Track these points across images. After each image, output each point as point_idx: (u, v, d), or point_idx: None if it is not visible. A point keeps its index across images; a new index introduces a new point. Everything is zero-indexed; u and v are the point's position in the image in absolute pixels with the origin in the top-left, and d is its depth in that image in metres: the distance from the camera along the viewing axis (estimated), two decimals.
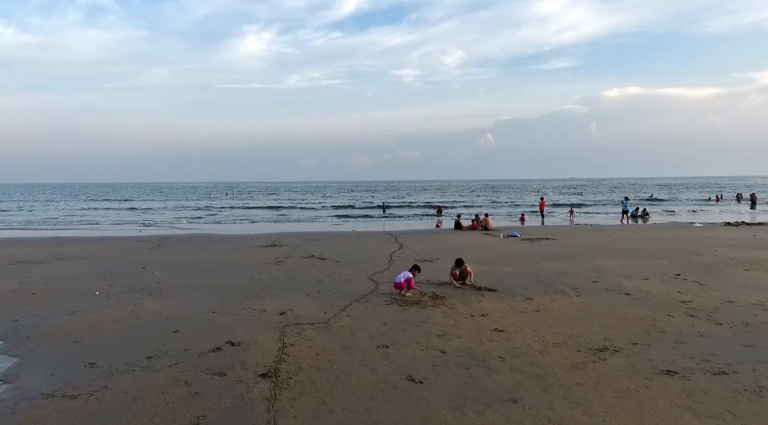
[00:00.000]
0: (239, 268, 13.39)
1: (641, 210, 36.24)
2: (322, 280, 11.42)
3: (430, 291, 9.99)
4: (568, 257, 14.47)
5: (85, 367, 5.87)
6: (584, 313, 8.12)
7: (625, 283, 10.43)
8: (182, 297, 9.78)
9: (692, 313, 7.88)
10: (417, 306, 8.78)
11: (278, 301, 9.31)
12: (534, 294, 9.57)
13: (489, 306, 8.73)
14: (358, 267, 13.21)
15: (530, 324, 7.52)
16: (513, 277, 11.44)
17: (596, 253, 15.24)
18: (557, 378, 5.35)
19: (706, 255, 14.30)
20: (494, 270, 12.52)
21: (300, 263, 14.18)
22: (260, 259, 15.01)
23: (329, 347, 6.54)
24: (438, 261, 14.06)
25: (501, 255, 15.13)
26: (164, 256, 16.06)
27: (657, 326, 7.26)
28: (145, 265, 13.95)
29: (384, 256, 15.27)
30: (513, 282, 10.80)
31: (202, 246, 19.02)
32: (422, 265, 13.32)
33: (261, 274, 12.38)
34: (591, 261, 13.59)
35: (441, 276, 11.49)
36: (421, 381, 5.38)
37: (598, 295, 9.41)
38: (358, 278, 11.63)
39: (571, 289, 9.99)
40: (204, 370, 5.74)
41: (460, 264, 10.55)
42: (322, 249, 17.20)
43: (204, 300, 9.53)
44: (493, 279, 11.18)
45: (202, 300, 9.54)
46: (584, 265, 12.96)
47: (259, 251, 17.01)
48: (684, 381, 5.17)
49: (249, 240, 20.75)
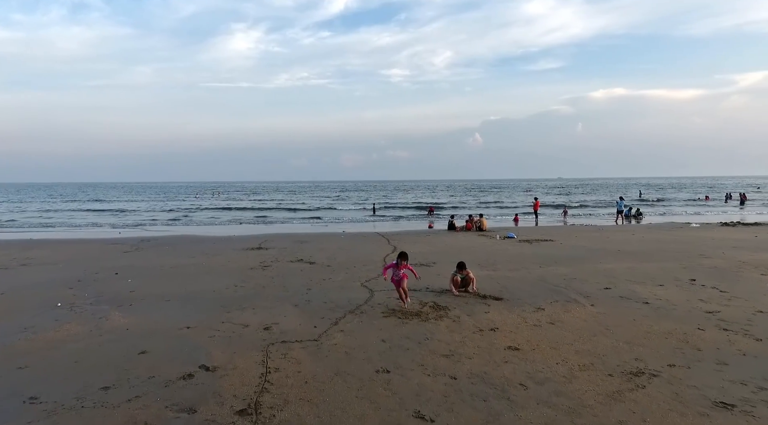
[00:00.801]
0: (221, 274, 12.36)
1: (635, 210, 35.85)
2: (312, 288, 10.47)
3: (431, 300, 9.10)
4: (572, 260, 13.71)
5: (23, 403, 4.85)
6: (604, 326, 7.29)
7: (640, 290, 9.66)
8: (155, 309, 8.75)
9: (724, 327, 7.10)
10: (418, 318, 7.88)
11: (263, 313, 8.34)
12: (545, 304, 8.73)
13: (497, 318, 7.87)
14: (351, 273, 12.27)
15: (547, 340, 6.67)
16: (518, 283, 10.61)
17: (600, 256, 14.50)
18: (594, 414, 4.49)
19: (714, 258, 13.63)
20: (497, 275, 11.68)
21: (287, 268, 13.20)
22: (245, 264, 13.99)
23: (320, 372, 5.60)
24: (435, 266, 13.18)
25: (501, 259, 14.31)
26: (141, 261, 14.95)
27: (690, 342, 6.46)
28: (118, 271, 12.85)
29: (377, 260, 14.35)
30: (519, 290, 9.97)
31: (184, 249, 17.92)
32: (418, 270, 12.47)
33: (245, 281, 11.38)
34: (597, 265, 12.83)
35: (440, 283, 10.62)
36: (432, 419, 4.47)
37: (614, 304, 8.61)
38: (351, 285, 10.70)
39: (583, 297, 9.18)
40: (170, 405, 4.77)
41: (461, 269, 9.69)
42: (312, 253, 16.23)
43: (179, 312, 8.52)
44: (497, 286, 10.33)
45: (177, 312, 8.52)
46: (591, 269, 12.19)
47: (244, 254, 15.98)
48: (748, 418, 4.34)
49: (234, 243, 19.68)
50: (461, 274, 9.78)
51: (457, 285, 9.80)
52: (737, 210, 42.10)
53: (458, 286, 9.81)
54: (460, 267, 9.69)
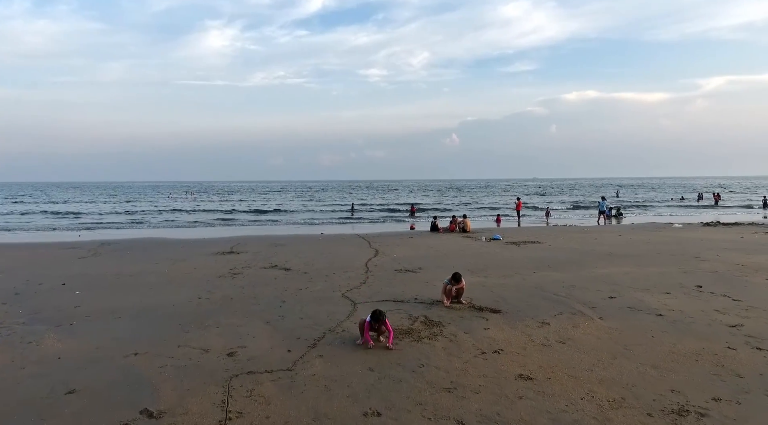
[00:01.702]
0: (185, 283, 11.07)
1: (615, 210, 35.72)
2: (287, 300, 9.31)
3: (421, 313, 8.08)
4: (566, 265, 12.91)
5: None
6: (622, 345, 6.40)
7: (648, 299, 8.85)
8: (99, 329, 7.45)
9: (756, 344, 6.29)
10: (409, 337, 6.84)
11: (228, 333, 7.16)
12: (548, 317, 7.82)
13: (499, 335, 6.90)
14: (330, 281, 11.15)
15: (562, 365, 5.72)
16: (514, 292, 9.69)
17: (593, 259, 13.76)
18: None
19: (711, 261, 13.05)
20: (489, 282, 10.75)
21: (260, 276, 11.98)
22: (212, 271, 12.70)
23: (295, 417, 4.50)
24: (422, 272, 12.18)
25: (491, 263, 13.41)
26: (96, 268, 13.47)
27: (726, 366, 5.61)
28: (66, 281, 11.40)
29: (359, 266, 13.26)
30: (517, 300, 9.04)
31: (147, 253, 16.44)
32: (404, 277, 11.46)
33: (211, 292, 10.13)
34: (593, 270, 12.05)
35: (430, 292, 9.61)
36: None
37: (625, 317, 7.75)
38: (331, 296, 9.59)
39: (588, 309, 8.30)
40: None
41: (458, 280, 8.68)
42: (287, 257, 15.02)
43: (128, 333, 7.26)
44: (491, 296, 9.39)
45: (126, 333, 7.26)
46: (589, 275, 11.39)
47: (213, 260, 14.65)
48: None
49: (203, 246, 18.27)
50: (456, 286, 8.77)
51: (450, 296, 8.81)
52: (711, 210, 42.63)
53: (451, 298, 8.82)
54: (456, 279, 8.67)
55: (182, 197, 76.16)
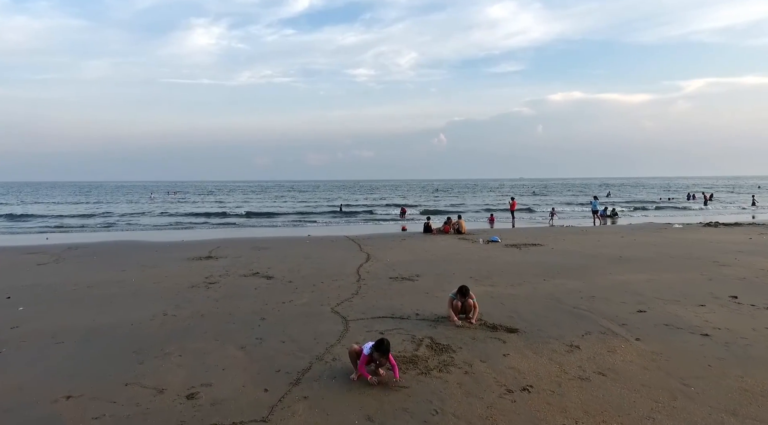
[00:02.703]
0: (151, 296, 9.67)
1: (611, 210, 34.96)
2: (267, 316, 7.99)
3: (426, 335, 6.83)
4: (577, 270, 11.78)
5: None
6: (677, 378, 5.22)
7: (683, 314, 7.73)
8: (32, 360, 6.06)
9: None
10: (414, 367, 5.59)
11: (192, 364, 5.83)
12: (575, 337, 6.63)
13: (523, 364, 5.69)
14: (318, 292, 9.86)
15: (612, 408, 4.52)
16: (528, 305, 8.50)
17: (604, 264, 12.67)
18: None
19: (732, 265, 12.05)
20: (497, 292, 9.55)
21: (239, 285, 10.63)
22: (185, 280, 11.30)
23: None
24: (420, 280, 10.94)
25: (495, 269, 12.23)
26: (54, 277, 11.97)
27: None
28: (12, 294, 9.92)
29: (349, 272, 11.98)
30: (533, 314, 7.85)
31: (116, 259, 14.94)
32: (401, 287, 10.21)
33: (179, 306, 8.76)
34: (609, 277, 10.94)
35: (432, 306, 8.37)
36: None
37: (665, 338, 6.60)
38: (319, 311, 8.29)
39: (618, 326, 7.14)
40: None
41: (465, 295, 7.45)
42: (271, 262, 13.67)
43: (67, 364, 5.88)
44: (503, 309, 8.19)
45: (64, 364, 5.88)
46: (606, 283, 10.26)
47: (188, 266, 13.23)
48: None
49: (180, 250, 16.80)
50: (463, 300, 7.55)
51: (458, 311, 7.58)
52: (703, 210, 42.27)
53: (458, 313, 7.60)
54: (463, 293, 7.44)
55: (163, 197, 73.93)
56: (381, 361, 5.27)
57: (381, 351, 5.20)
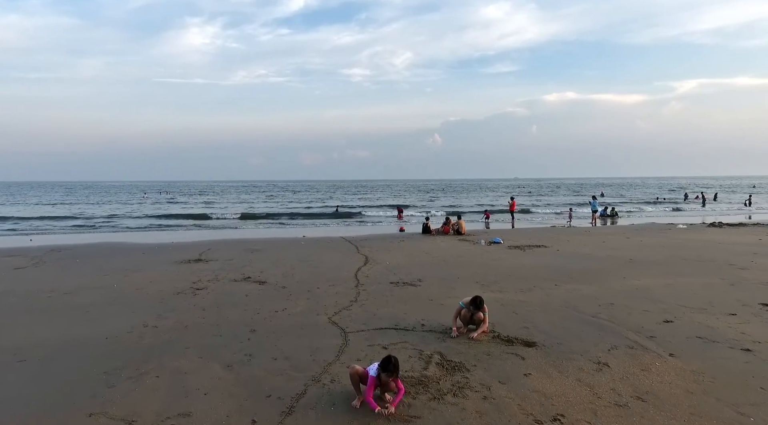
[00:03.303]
0: (132, 304, 8.90)
1: (610, 209, 34.43)
2: (258, 328, 7.25)
3: (434, 349, 6.13)
4: (589, 274, 11.13)
5: None
6: (730, 405, 4.55)
7: (715, 324, 7.06)
8: None
9: None
10: (425, 391, 4.88)
11: (170, 387, 5.09)
12: (600, 352, 5.95)
13: (549, 386, 4.99)
14: (313, 299, 9.12)
15: None
16: (542, 314, 7.81)
17: (615, 267, 12.02)
18: None
19: (751, 269, 11.44)
20: (507, 299, 8.85)
21: (228, 292, 9.88)
22: (171, 285, 10.53)
23: None
24: (423, 285, 10.24)
25: (501, 273, 11.55)
26: (30, 282, 11.16)
27: None
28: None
29: (347, 277, 11.26)
30: (550, 325, 7.16)
31: (100, 262, 14.13)
32: (403, 293, 9.49)
33: (162, 316, 8.01)
34: (624, 281, 10.28)
35: (439, 314, 7.66)
36: None
37: (702, 353, 5.92)
38: (315, 321, 7.56)
39: (647, 339, 6.47)
40: None
41: (478, 307, 6.72)
42: (264, 266, 12.92)
43: (25, 389, 5.11)
44: (516, 319, 7.49)
45: (22, 389, 5.11)
46: (622, 289, 9.60)
47: (175, 270, 12.45)
48: None
49: (168, 253, 16.01)
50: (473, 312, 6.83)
51: (466, 322, 6.87)
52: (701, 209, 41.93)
53: (466, 324, 6.89)
54: (477, 305, 6.71)
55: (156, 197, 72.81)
56: (388, 384, 4.56)
57: (388, 371, 4.49)
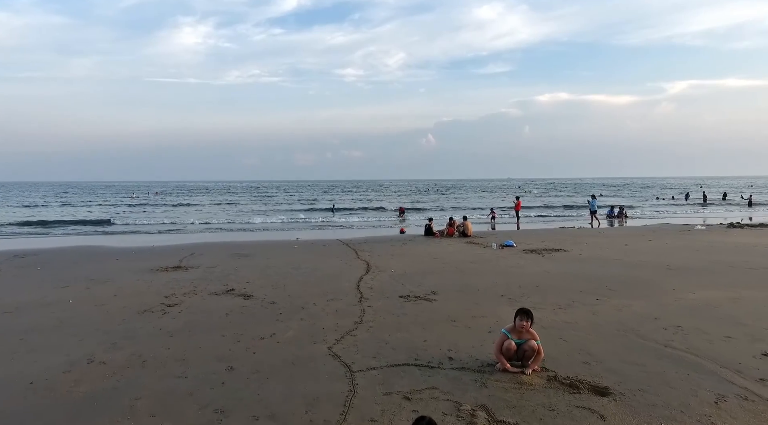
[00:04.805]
0: (82, 328, 7.16)
1: (617, 209, 32.88)
2: (237, 364, 5.56)
3: (476, 400, 4.48)
4: (629, 285, 9.53)
5: None
6: None
7: None
8: None
9: None
10: None
11: None
12: (706, 407, 4.33)
13: None
14: (308, 318, 7.44)
15: None
16: (599, 341, 6.19)
17: (655, 276, 10.44)
18: None
19: None
20: (547, 319, 7.21)
21: (206, 309, 8.16)
22: (138, 300, 8.81)
23: None
24: (439, 299, 8.59)
25: (526, 283, 9.93)
26: None
27: None
28: None
29: (348, 288, 9.59)
30: (616, 359, 5.53)
31: (64, 270, 12.36)
32: (417, 310, 7.81)
33: (115, 346, 6.29)
34: (674, 294, 8.69)
35: (467, 341, 6.01)
36: None
37: None
38: (310, 353, 5.88)
39: (756, 382, 4.86)
40: None
41: (525, 318, 5.10)
42: (251, 274, 11.22)
43: None
44: (568, 349, 5.86)
45: None
46: (679, 304, 8.00)
47: (148, 281, 10.71)
48: None
49: (146, 258, 14.25)
50: (517, 336, 5.22)
51: (511, 354, 5.26)
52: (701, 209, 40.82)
53: (511, 358, 5.28)
54: (526, 315, 5.11)
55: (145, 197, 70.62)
56: None
57: None
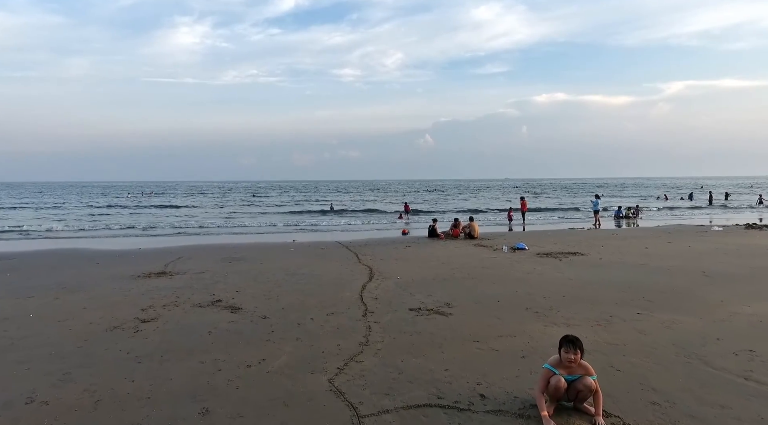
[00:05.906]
0: (35, 350, 5.99)
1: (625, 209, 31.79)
2: (213, 406, 4.41)
3: None
4: (669, 296, 8.42)
5: None
6: None
7: None
8: None
9: None
10: None
11: None
12: None
13: None
14: (305, 338, 6.30)
15: None
16: (660, 372, 5.06)
17: (693, 285, 9.34)
18: None
19: None
20: (588, 341, 6.04)
21: (186, 325, 7.01)
22: (109, 314, 7.64)
23: None
24: (455, 312, 7.45)
25: (551, 292, 8.81)
26: None
27: None
28: None
29: (349, 299, 8.44)
30: (691, 397, 4.42)
31: (33, 277, 11.18)
32: (431, 327, 6.65)
33: (68, 376, 5.13)
34: (726, 308, 7.59)
35: (497, 371, 4.88)
36: None
37: None
38: (306, 388, 4.73)
39: None
40: None
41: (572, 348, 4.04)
42: (241, 283, 10.07)
43: None
44: (626, 381, 4.75)
45: None
46: (737, 321, 6.89)
47: (125, 289, 9.55)
48: None
49: (128, 263, 13.08)
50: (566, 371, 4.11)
51: (560, 395, 4.14)
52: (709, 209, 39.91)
53: (560, 398, 4.16)
54: (572, 345, 4.07)
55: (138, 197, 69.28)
56: None
57: None
